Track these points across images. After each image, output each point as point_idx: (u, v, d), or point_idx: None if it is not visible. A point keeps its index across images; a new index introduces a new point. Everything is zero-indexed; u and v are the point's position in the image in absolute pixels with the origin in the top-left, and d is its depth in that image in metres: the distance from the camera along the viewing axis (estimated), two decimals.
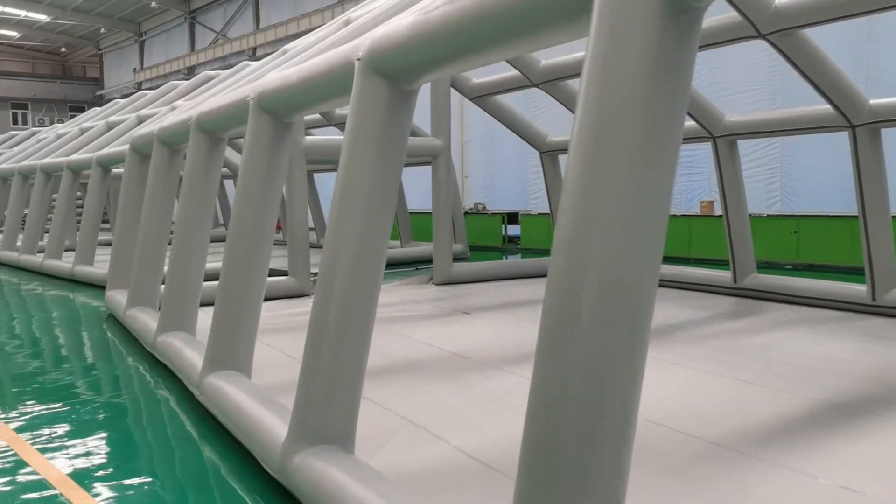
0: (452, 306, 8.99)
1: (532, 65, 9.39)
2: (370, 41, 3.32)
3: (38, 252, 14.99)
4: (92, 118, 18.61)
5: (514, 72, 9.95)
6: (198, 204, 6.07)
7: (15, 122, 44.98)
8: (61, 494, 3.68)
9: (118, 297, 8.41)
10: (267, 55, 18.49)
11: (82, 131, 16.75)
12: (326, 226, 3.66)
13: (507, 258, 16.05)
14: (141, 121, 14.30)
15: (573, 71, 9.10)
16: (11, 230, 16.29)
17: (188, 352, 5.51)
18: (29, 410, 5.18)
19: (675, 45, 1.99)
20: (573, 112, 8.56)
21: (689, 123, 9.90)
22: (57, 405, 5.26)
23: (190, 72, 35.94)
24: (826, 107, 7.60)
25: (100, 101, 46.53)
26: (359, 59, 3.35)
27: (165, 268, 7.54)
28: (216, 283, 7.40)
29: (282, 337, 7.13)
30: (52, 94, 46.91)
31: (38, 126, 36.40)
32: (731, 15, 6.87)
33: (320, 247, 17.36)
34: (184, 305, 6.14)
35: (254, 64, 10.41)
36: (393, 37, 3.19)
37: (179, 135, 6.98)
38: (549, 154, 11.55)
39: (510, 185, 21.54)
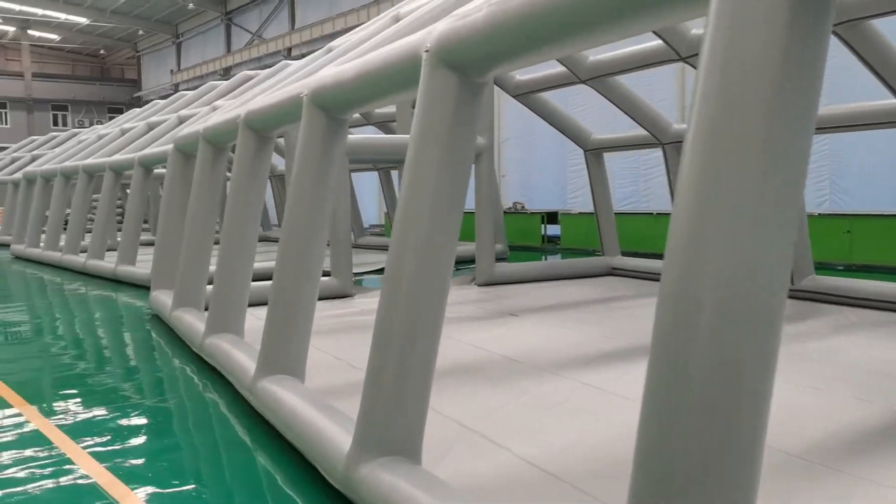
0: (498, 308, 8.81)
1: (580, 60, 9.17)
2: (439, 32, 3.16)
3: (80, 252, 15.11)
4: (132, 119, 18.76)
5: (559, 68, 9.75)
6: (245, 203, 5.97)
7: (55, 123, 45.76)
8: (114, 500, 3.58)
9: (163, 298, 8.37)
10: (303, 55, 18.53)
11: (123, 132, 16.87)
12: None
13: (546, 258, 15.82)
14: (181, 121, 14.34)
15: (622, 66, 8.89)
16: (54, 230, 16.45)
17: (238, 354, 5.40)
18: (78, 412, 5.11)
19: (807, 34, 1.82)
20: (623, 110, 8.37)
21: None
22: (105, 408, 5.19)
23: (226, 73, 36.22)
24: (880, 102, 7.31)
25: (138, 103, 47.14)
26: (427, 51, 3.19)
27: (211, 268, 7.50)
28: (261, 283, 7.41)
29: (327, 339, 7.01)
30: (91, 95, 47.63)
31: (78, 127, 36.97)
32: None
33: (357, 247, 17.31)
34: (231, 307, 6.04)
35: (296, 63, 10.33)
36: (465, 27, 3.02)
37: (226, 133, 6.90)
38: (594, 152, 11.31)
39: (547, 184, 21.29)
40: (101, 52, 49.08)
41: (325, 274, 11.13)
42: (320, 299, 9.63)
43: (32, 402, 5.32)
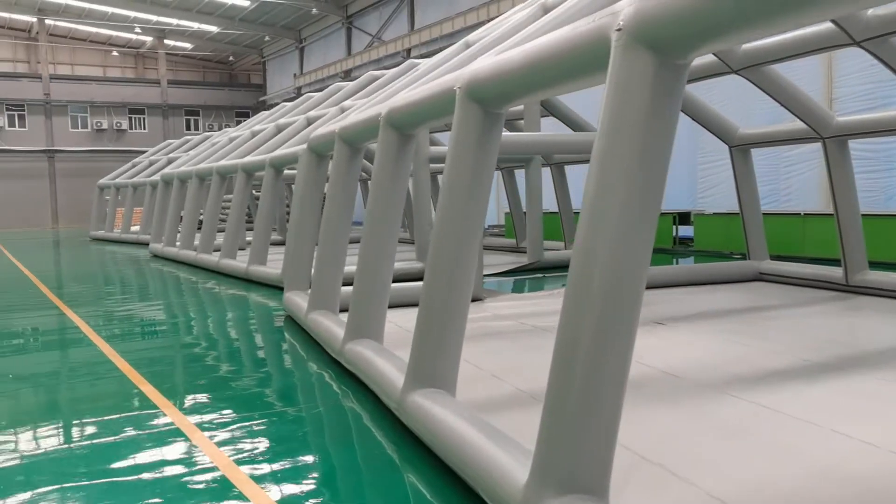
0: (640, 315, 8.24)
1: (732, 49, 8.46)
2: (634, 8, 2.74)
3: (214, 251, 15.56)
4: (261, 121, 19.23)
5: (706, 58, 9.04)
6: (386, 203, 5.73)
7: (188, 127, 48.10)
8: None
9: (296, 300, 8.31)
10: (422, 56, 18.33)
11: (253, 134, 17.27)
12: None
13: (678, 262, 15.00)
14: (310, 122, 14.48)
15: (782, 54, 8.12)
16: (189, 230, 17.04)
17: (381, 363, 5.15)
18: (223, 422, 5.00)
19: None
20: (779, 101, 7.73)
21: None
22: (252, 417, 5.05)
23: (346, 75, 36.88)
24: None
25: (263, 107, 48.88)
26: (618, 30, 2.78)
27: (347, 268, 7.35)
28: (397, 285, 7.23)
29: (465, 345, 6.71)
30: (220, 100, 49.79)
31: (209, 131, 38.69)
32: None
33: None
34: (372, 311, 5.81)
35: (426, 61, 10.10)
36: (667, 1, 2.60)
37: (363, 132, 6.71)
38: (740, 148, 10.50)
39: (675, 182, 20.27)
40: (230, 58, 51.22)
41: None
42: None
43: (178, 405, 5.26)
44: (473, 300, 9.53)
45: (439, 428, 3.81)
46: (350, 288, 6.16)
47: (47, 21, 44.33)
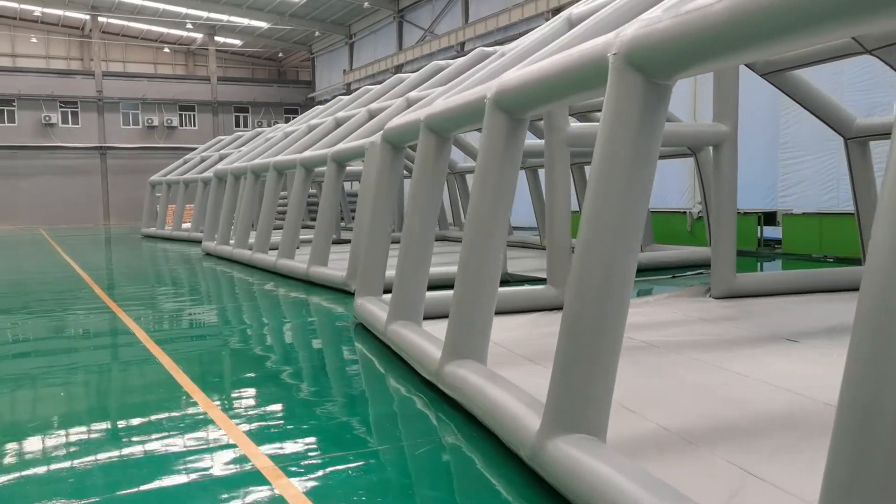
0: (761, 329, 7.24)
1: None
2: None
3: (270, 249, 14.89)
4: (317, 116, 18.52)
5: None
6: (495, 199, 4.87)
7: (237, 124, 47.94)
8: None
9: (371, 308, 7.50)
10: (475, 49, 17.35)
11: (310, 129, 16.57)
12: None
13: (762, 266, 13.86)
14: (372, 115, 13.71)
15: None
16: (244, 228, 16.41)
17: (496, 393, 4.27)
18: (311, 463, 4.17)
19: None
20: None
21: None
22: (346, 458, 4.22)
23: (397, 70, 36.15)
24: None
25: (312, 103, 48.49)
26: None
27: (435, 270, 6.51)
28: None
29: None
30: (269, 97, 49.55)
31: (258, 128, 38.26)
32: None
33: (542, 248, 16.10)
34: (476, 327, 4.95)
35: (509, 46, 9.16)
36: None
37: (457, 119, 5.86)
38: (858, 140, 9.38)
39: (753, 179, 19.01)
40: (280, 54, 50.93)
41: (538, 280, 10.00)
42: (534, 310, 8.53)
43: (254, 438, 4.46)
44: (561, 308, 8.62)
45: (591, 491, 2.92)
46: (436, 293, 6.32)
47: (100, 18, 44.53)
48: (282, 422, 4.89)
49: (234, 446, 4.31)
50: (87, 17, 44.35)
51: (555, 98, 4.40)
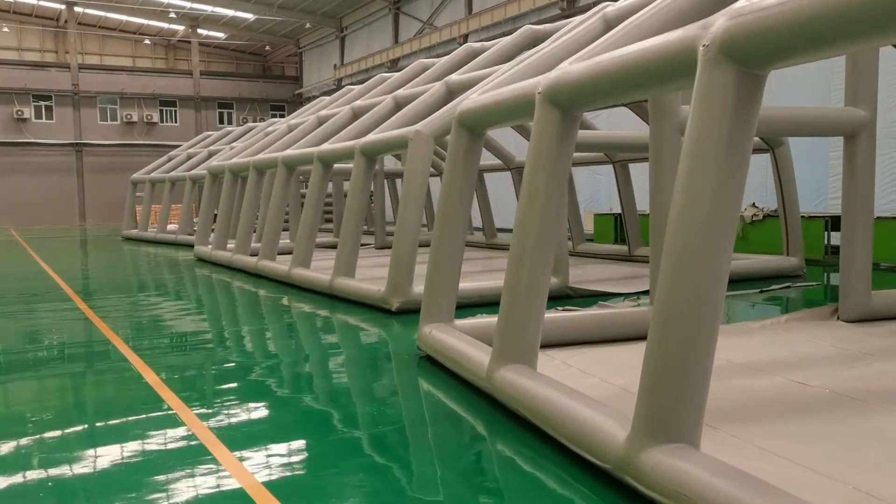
0: None
1: None
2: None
3: (280, 253, 13.10)
4: (325, 107, 16.73)
5: None
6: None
7: (221, 121, 45.82)
8: None
9: (452, 342, 5.79)
10: (481, 42, 15.68)
11: (320, 120, 14.80)
12: None
13: (828, 276, 12.31)
14: (397, 103, 12.00)
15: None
16: (245, 231, 14.59)
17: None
18: None
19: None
20: None
21: None
22: None
23: (393, 65, 34.39)
24: None
25: (299, 100, 46.56)
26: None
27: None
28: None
29: (763, 423, 4.16)
30: (254, 93, 47.47)
31: (242, 124, 36.12)
32: None
33: (575, 254, 14.47)
34: (692, 395, 3.27)
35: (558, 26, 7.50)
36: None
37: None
38: None
39: (801, 179, 17.53)
40: (266, 48, 48.82)
41: (608, 295, 8.36)
42: (635, 339, 6.89)
43: None
44: None
45: None
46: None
47: (76, 8, 42.26)
48: None
49: None
50: (63, 6, 42.07)
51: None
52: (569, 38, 6.37)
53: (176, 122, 45.32)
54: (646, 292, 9.86)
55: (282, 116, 41.35)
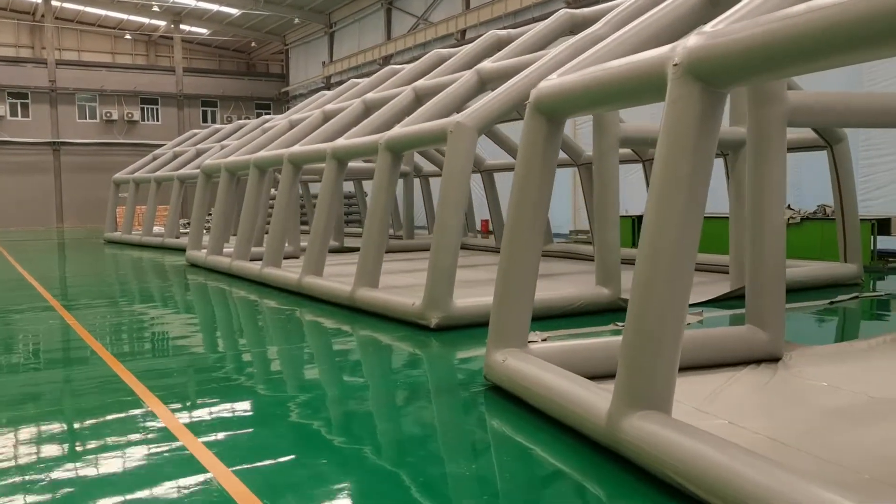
0: None
1: None
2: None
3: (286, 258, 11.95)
4: (329, 101, 15.58)
5: None
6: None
7: (204, 119, 44.36)
8: None
9: (541, 376, 4.72)
10: (479, 37, 14.62)
11: (327, 115, 13.66)
12: None
13: (875, 284, 11.38)
14: (417, 94, 10.93)
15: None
16: (246, 235, 13.42)
17: None
18: None
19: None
20: None
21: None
22: None
23: (385, 62, 33.23)
24: None
25: (285, 98, 45.25)
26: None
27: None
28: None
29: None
30: (239, 91, 46.06)
31: (227, 123, 34.74)
32: None
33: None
34: None
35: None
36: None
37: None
38: None
39: (823, 181, 16.69)
40: (252, 44, 47.38)
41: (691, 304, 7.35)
42: (734, 364, 5.88)
43: None
44: (773, 360, 5.94)
45: None
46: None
47: (53, 2, 40.68)
48: None
49: None
50: (39, 0, 40.46)
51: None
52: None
53: (158, 120, 43.82)
54: (704, 303, 8.86)
55: (268, 115, 40.02)
